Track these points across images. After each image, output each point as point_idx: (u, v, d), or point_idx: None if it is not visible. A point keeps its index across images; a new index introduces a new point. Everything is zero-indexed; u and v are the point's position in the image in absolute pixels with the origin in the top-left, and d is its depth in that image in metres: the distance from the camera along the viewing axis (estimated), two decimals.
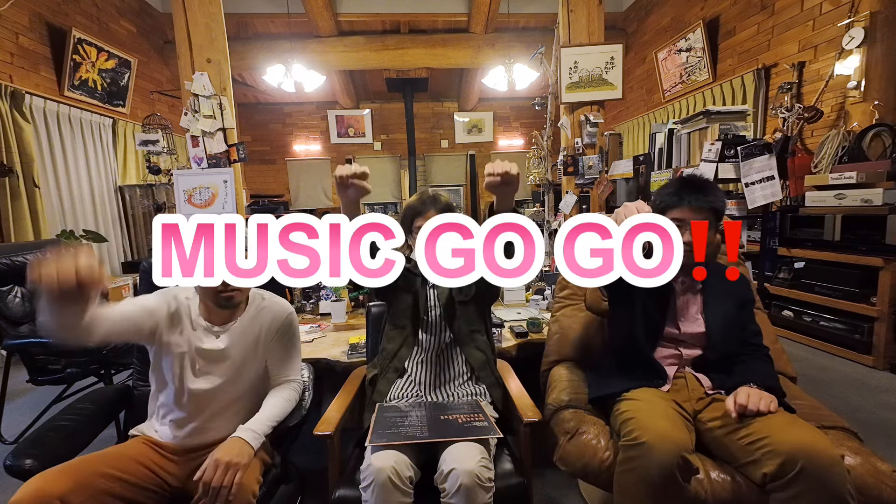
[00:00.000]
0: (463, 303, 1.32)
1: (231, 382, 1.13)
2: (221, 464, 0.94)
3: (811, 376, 2.41)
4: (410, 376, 1.28)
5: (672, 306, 1.24)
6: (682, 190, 1.20)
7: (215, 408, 1.12)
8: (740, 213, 1.98)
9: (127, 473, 0.99)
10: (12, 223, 3.20)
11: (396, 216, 1.35)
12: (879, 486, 0.96)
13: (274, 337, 1.19)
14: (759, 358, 1.20)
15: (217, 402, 1.12)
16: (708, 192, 1.19)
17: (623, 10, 5.68)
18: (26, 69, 3.49)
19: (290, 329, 1.22)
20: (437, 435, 1.03)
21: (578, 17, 3.10)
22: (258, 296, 1.21)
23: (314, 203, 7.61)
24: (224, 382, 1.12)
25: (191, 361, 1.10)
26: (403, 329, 1.32)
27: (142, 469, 1.03)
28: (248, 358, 1.15)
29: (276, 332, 1.19)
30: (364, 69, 6.04)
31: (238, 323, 1.15)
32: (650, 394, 1.13)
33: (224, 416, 1.13)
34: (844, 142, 2.95)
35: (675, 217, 1.14)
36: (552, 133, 3.63)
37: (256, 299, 1.20)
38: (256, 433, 1.04)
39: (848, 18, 2.94)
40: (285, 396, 1.16)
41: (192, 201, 2.74)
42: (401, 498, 0.96)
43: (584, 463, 1.10)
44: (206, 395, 1.10)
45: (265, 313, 1.18)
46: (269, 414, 1.10)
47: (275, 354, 1.19)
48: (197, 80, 2.69)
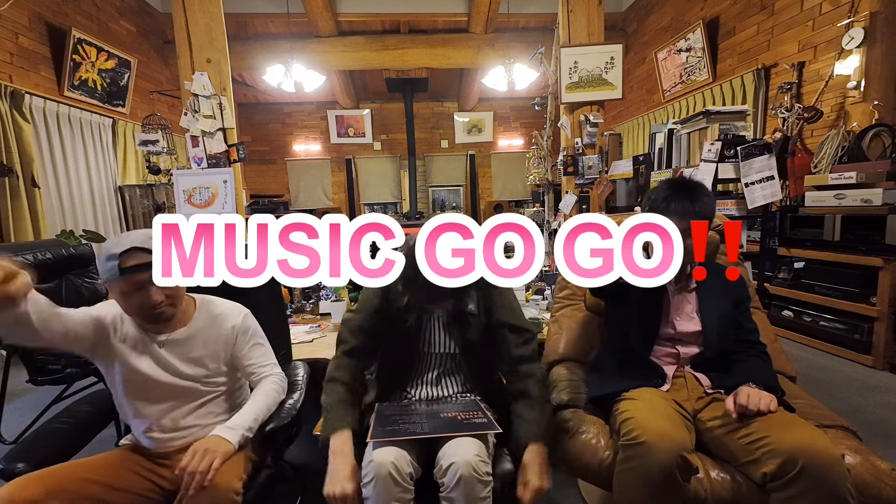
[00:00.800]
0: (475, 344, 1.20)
1: (188, 382, 1.10)
2: (199, 451, 0.94)
3: (811, 376, 2.41)
4: (407, 395, 1.24)
5: (667, 306, 1.25)
6: (670, 197, 1.18)
7: (182, 408, 1.09)
8: (740, 213, 1.98)
9: (114, 478, 0.98)
10: (12, 223, 3.20)
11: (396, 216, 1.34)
12: (879, 484, 0.96)
13: (235, 342, 1.16)
14: (757, 355, 1.20)
15: (181, 404, 1.09)
16: (696, 198, 1.17)
17: (623, 10, 5.68)
18: (26, 69, 3.49)
19: (250, 329, 1.19)
20: (437, 431, 1.03)
21: (578, 17, 3.11)
22: (205, 302, 1.17)
23: (314, 203, 7.61)
24: (180, 384, 1.09)
25: (137, 369, 1.06)
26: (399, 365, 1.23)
27: (129, 474, 1.02)
28: (203, 363, 1.12)
29: (237, 337, 1.16)
30: (364, 69, 6.04)
31: (186, 329, 1.11)
32: (650, 393, 1.13)
33: (196, 416, 1.10)
34: (844, 142, 2.95)
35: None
36: (552, 133, 3.64)
37: (204, 305, 1.16)
38: (233, 428, 1.02)
39: (847, 18, 2.95)
40: (264, 391, 1.15)
41: (192, 201, 2.74)
42: (401, 493, 0.96)
43: (584, 462, 1.10)
44: (165, 397, 1.08)
45: (222, 321, 1.16)
46: (248, 410, 1.09)
47: (243, 357, 1.17)
48: (197, 80, 2.69)
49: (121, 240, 0.98)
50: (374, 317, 1.19)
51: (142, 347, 1.08)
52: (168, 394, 1.08)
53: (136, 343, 1.08)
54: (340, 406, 1.10)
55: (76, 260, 2.17)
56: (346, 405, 1.11)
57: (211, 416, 1.12)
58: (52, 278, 2.07)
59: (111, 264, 0.96)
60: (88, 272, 2.22)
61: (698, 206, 1.16)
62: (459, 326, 1.19)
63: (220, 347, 1.14)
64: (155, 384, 1.07)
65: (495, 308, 1.20)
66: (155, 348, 1.08)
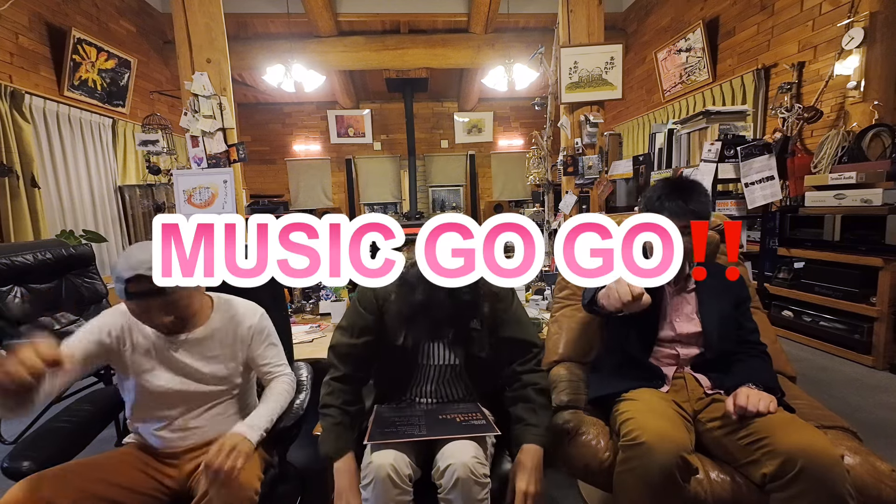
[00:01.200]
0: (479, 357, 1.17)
1: (203, 385, 1.09)
2: (225, 448, 0.93)
3: (811, 376, 2.41)
4: (407, 399, 1.23)
5: (665, 307, 1.25)
6: (664, 196, 1.19)
7: (195, 410, 1.09)
8: (740, 214, 1.98)
9: (120, 477, 0.98)
10: (12, 223, 3.19)
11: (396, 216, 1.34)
12: (879, 485, 0.96)
13: (251, 343, 1.16)
14: (757, 356, 1.20)
15: (194, 406, 1.09)
16: (690, 197, 1.17)
17: (623, 11, 5.68)
18: (26, 69, 3.49)
19: (265, 329, 1.19)
20: (435, 433, 1.03)
21: (578, 18, 3.11)
22: (222, 301, 1.16)
23: (314, 203, 7.61)
24: (194, 387, 1.08)
25: (152, 382, 1.06)
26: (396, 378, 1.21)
27: (136, 473, 1.02)
28: (220, 362, 1.11)
29: (253, 337, 1.16)
30: (364, 69, 6.04)
31: (201, 330, 1.10)
32: (649, 394, 1.13)
33: (208, 416, 1.10)
34: (844, 142, 2.95)
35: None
36: (552, 133, 3.63)
37: (222, 304, 1.16)
38: (253, 427, 1.02)
39: (847, 19, 2.95)
40: (278, 391, 1.15)
41: (192, 201, 2.74)
42: (400, 495, 0.96)
43: (584, 463, 1.10)
44: (179, 402, 1.07)
45: (239, 320, 1.15)
46: (264, 409, 1.09)
47: (258, 357, 1.17)
48: (197, 80, 2.69)
49: (129, 260, 0.95)
50: (364, 338, 1.14)
51: (156, 354, 1.07)
52: (182, 399, 1.08)
53: (149, 349, 1.07)
54: (337, 429, 1.08)
55: (76, 260, 2.17)
56: (342, 427, 1.09)
57: (221, 416, 1.12)
58: (51, 278, 2.07)
59: (119, 287, 0.96)
60: (88, 272, 2.22)
61: (693, 205, 1.16)
62: (462, 343, 1.15)
63: (238, 347, 1.14)
64: (170, 393, 1.07)
65: (502, 324, 1.16)
66: (171, 354, 1.07)
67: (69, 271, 2.15)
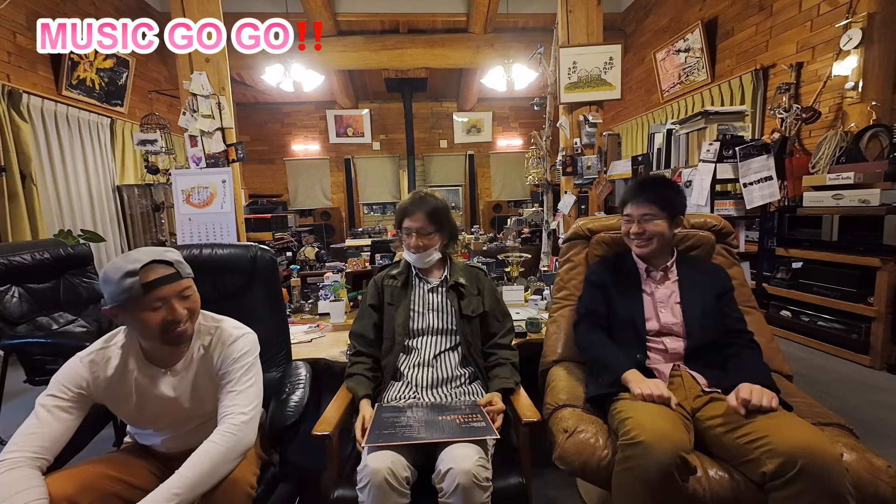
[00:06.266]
0: (469, 318, 1.34)
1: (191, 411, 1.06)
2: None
3: (809, 376, 2.42)
4: (406, 379, 1.28)
5: (647, 302, 1.31)
6: (639, 186, 1.33)
7: (186, 427, 1.08)
8: (738, 214, 1.98)
9: (131, 476, 0.99)
10: (9, 223, 3.18)
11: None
12: (875, 482, 0.96)
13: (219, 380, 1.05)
14: (748, 346, 1.22)
15: (184, 423, 1.07)
16: (664, 188, 1.32)
17: (622, 11, 5.69)
18: (24, 68, 3.48)
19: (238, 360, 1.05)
20: (434, 435, 1.02)
21: (577, 18, 3.10)
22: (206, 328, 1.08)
23: (313, 203, 7.61)
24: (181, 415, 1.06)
25: (141, 404, 1.03)
26: (396, 342, 1.32)
27: (144, 472, 1.03)
28: (204, 392, 1.06)
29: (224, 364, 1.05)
30: (363, 69, 6.04)
31: (183, 362, 1.05)
32: None
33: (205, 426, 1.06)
34: (842, 142, 2.96)
35: (629, 212, 1.33)
36: (551, 133, 3.63)
37: (203, 332, 1.07)
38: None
39: (846, 19, 2.95)
40: (203, 451, 0.94)
41: (191, 201, 2.73)
42: (397, 499, 0.96)
43: (583, 462, 1.10)
44: (168, 420, 1.06)
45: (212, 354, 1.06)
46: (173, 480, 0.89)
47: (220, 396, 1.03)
48: (195, 80, 2.68)
49: (129, 257, 0.92)
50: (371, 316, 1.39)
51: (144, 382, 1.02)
52: (173, 422, 1.06)
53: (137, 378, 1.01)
54: (361, 379, 1.28)
55: (74, 260, 2.16)
56: (364, 379, 1.29)
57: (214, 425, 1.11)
58: (49, 278, 2.07)
59: (129, 282, 0.88)
60: (86, 272, 2.21)
61: (666, 192, 1.30)
62: (457, 296, 1.35)
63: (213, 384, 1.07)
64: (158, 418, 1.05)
65: (485, 295, 1.39)
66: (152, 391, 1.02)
67: (67, 271, 2.14)
